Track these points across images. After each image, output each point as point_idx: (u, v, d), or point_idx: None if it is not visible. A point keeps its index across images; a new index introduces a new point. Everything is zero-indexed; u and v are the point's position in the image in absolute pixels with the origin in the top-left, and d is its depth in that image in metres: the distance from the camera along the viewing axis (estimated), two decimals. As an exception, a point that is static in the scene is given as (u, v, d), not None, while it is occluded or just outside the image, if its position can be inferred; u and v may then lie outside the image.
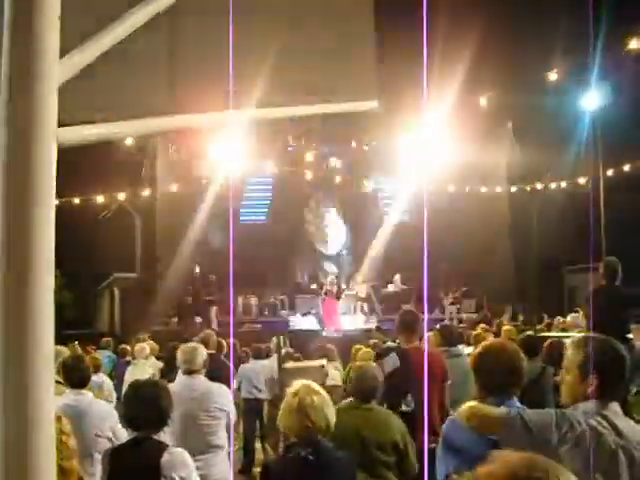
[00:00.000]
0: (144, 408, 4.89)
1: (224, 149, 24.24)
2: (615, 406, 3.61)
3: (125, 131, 2.25)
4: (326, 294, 26.10)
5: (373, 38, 2.46)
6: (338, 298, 26.23)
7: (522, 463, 1.93)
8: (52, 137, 1.64)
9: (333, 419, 4.78)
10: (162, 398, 4.98)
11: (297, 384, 4.93)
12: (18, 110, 1.60)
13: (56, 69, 1.66)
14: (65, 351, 10.09)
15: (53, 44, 1.64)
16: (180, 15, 2.24)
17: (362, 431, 5.75)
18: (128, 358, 13.89)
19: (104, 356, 15.01)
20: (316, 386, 4.93)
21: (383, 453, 5.72)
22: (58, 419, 2.55)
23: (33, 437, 1.57)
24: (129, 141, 22.82)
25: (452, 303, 25.96)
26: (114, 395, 11.15)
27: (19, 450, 1.57)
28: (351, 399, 6.22)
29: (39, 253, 1.60)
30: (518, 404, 3.97)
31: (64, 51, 1.72)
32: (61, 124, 1.69)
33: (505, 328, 13.23)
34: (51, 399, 1.62)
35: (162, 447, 4.77)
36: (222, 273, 26.50)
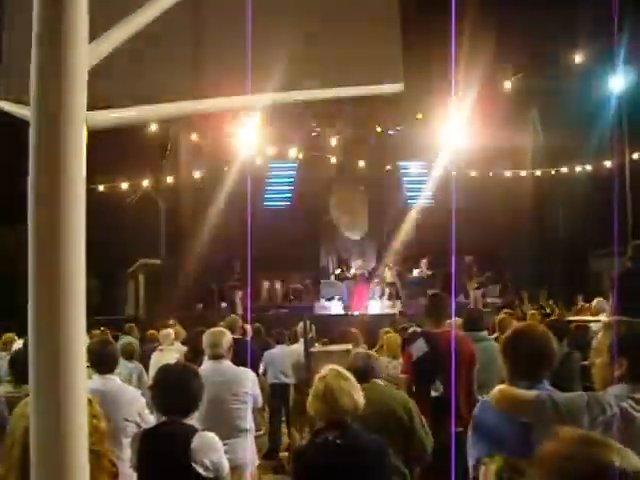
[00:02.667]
0: (175, 392, 4.90)
1: (248, 134, 24.24)
2: None
3: (153, 115, 2.25)
4: (356, 277, 26.12)
5: (398, 22, 2.45)
6: (369, 282, 26.25)
7: (582, 440, 1.92)
8: (82, 121, 1.65)
9: (361, 403, 4.78)
10: (193, 382, 5.00)
11: (325, 369, 4.94)
12: (49, 95, 1.60)
13: (85, 54, 1.66)
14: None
15: (82, 29, 1.64)
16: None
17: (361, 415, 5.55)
18: (155, 344, 13.93)
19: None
20: (344, 371, 4.94)
21: (385, 433, 5.53)
22: (89, 403, 2.56)
23: (66, 421, 1.58)
24: (153, 127, 22.86)
25: (477, 288, 25.86)
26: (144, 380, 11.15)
27: (53, 434, 1.58)
28: None
29: (70, 238, 1.60)
30: (549, 387, 3.94)
31: (93, 36, 1.72)
32: (89, 108, 1.70)
33: (531, 312, 13.20)
34: (83, 383, 1.63)
35: (192, 431, 4.79)
36: (247, 259, 26.57)
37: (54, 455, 1.58)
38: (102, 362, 6.56)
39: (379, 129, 28.65)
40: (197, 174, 27.07)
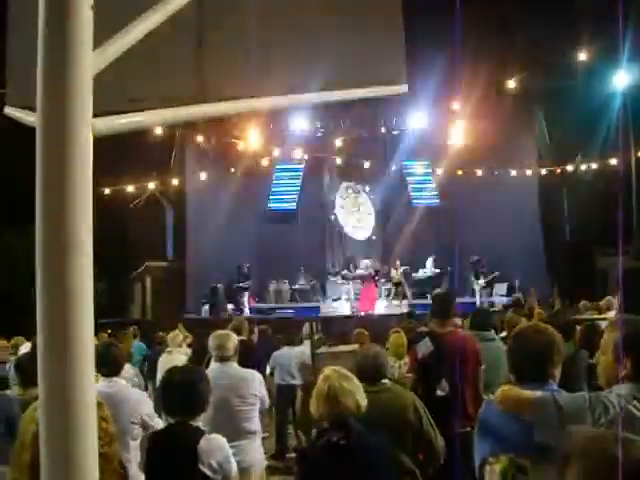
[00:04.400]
0: (182, 394, 4.91)
1: (253, 136, 24.29)
2: None
3: (158, 120, 2.26)
4: (363, 277, 26.14)
5: (402, 22, 2.46)
6: (376, 282, 26.27)
7: (615, 441, 1.94)
8: (87, 127, 1.66)
9: (364, 404, 4.79)
10: (200, 384, 5.01)
11: (327, 370, 4.96)
12: (54, 101, 1.62)
13: (90, 59, 1.67)
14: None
15: (87, 34, 1.65)
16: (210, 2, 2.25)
17: (370, 416, 5.46)
18: (163, 346, 13.94)
19: (132, 346, 15.09)
20: (346, 371, 4.95)
21: (396, 437, 5.51)
22: (99, 406, 2.57)
23: (76, 424, 1.59)
24: (158, 131, 22.92)
25: (483, 287, 25.86)
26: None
27: (62, 438, 1.59)
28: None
29: (78, 242, 1.61)
30: (554, 387, 3.93)
31: (98, 42, 1.73)
32: (95, 114, 1.71)
33: (537, 311, 13.18)
34: (92, 386, 1.64)
35: (199, 433, 4.80)
36: (253, 260, 26.66)
37: (64, 459, 1.59)
38: (107, 365, 6.56)
39: (384, 129, 28.67)
40: (203, 176, 27.11)
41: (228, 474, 4.79)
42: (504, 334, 10.03)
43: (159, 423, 6.31)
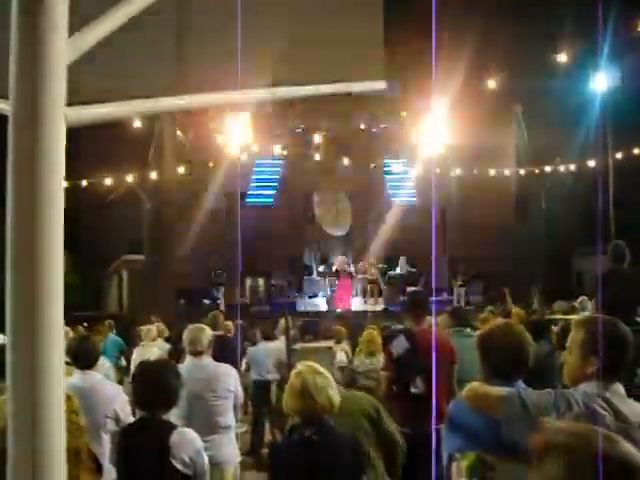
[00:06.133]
0: (153, 388, 4.90)
1: (232, 131, 24.25)
2: (617, 387, 3.59)
3: (133, 111, 2.24)
4: (338, 273, 26.16)
5: (382, 20, 2.46)
6: (351, 278, 26.31)
7: (589, 434, 1.94)
8: (60, 117, 1.64)
9: (337, 400, 4.79)
10: (171, 378, 4.99)
11: (300, 365, 4.95)
12: (27, 89, 1.60)
13: (65, 48, 1.65)
14: (69, 332, 10.11)
15: (62, 22, 1.63)
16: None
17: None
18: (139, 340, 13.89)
19: (107, 339, 15.04)
20: (319, 367, 4.94)
21: (359, 429, 5.51)
22: (67, 398, 2.55)
23: (43, 417, 1.57)
24: (137, 124, 22.85)
25: (461, 286, 25.95)
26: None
27: (29, 430, 1.57)
28: None
29: (49, 234, 1.59)
30: (523, 386, 3.95)
31: (73, 30, 1.71)
32: (69, 104, 1.69)
33: (515, 311, 13.21)
34: (61, 379, 1.62)
35: (171, 427, 4.79)
36: (230, 255, 26.62)
37: (31, 451, 1.57)
38: (82, 358, 6.53)
39: (363, 127, 28.69)
40: (181, 171, 27.04)
41: (199, 468, 4.78)
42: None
43: (132, 418, 6.29)
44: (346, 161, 28.73)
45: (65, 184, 1.70)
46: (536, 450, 2.03)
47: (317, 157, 28.68)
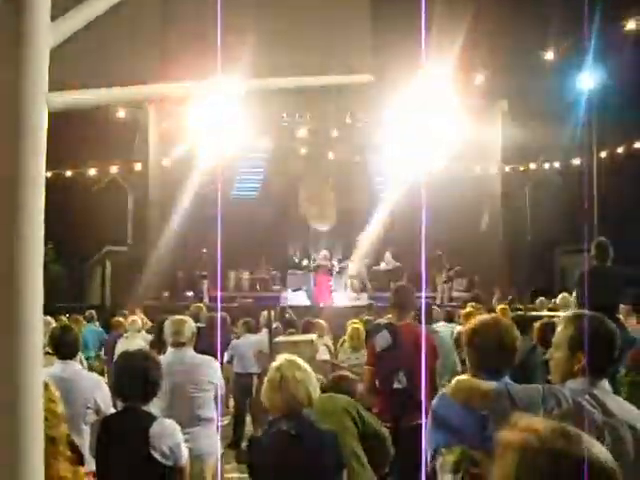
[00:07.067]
0: (134, 379, 4.89)
1: (217, 123, 24.17)
2: (604, 384, 3.59)
3: (116, 97, 2.22)
4: (318, 268, 26.13)
5: (370, 15, 2.45)
6: (331, 273, 26.28)
7: (555, 434, 1.91)
8: (42, 102, 1.62)
9: (316, 394, 4.77)
10: (152, 369, 4.98)
11: (280, 359, 4.93)
12: (8, 74, 1.58)
13: (47, 33, 1.63)
14: (52, 322, 10.08)
15: (44, 6, 1.61)
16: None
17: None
18: (120, 331, 13.86)
19: (88, 330, 15.02)
20: (299, 361, 4.92)
21: (340, 424, 5.50)
22: (45, 387, 2.52)
23: (21, 405, 1.56)
24: (122, 114, 22.74)
25: (444, 282, 25.99)
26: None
27: (7, 419, 1.55)
28: None
29: (28, 224, 1.57)
30: (508, 380, 3.94)
31: (55, 15, 1.69)
32: (51, 90, 1.67)
33: (500, 307, 13.25)
34: (40, 368, 1.60)
35: (151, 418, 4.78)
36: (214, 247, 26.56)
37: (10, 440, 1.56)
38: (63, 348, 6.51)
39: (349, 120, 28.66)
40: (166, 161, 26.95)
41: (179, 460, 4.77)
42: (460, 328, 10.10)
43: (112, 409, 6.28)
44: (331, 154, 28.71)
45: (49, 174, 1.68)
46: (498, 446, 2.02)
47: (302, 150, 28.66)
